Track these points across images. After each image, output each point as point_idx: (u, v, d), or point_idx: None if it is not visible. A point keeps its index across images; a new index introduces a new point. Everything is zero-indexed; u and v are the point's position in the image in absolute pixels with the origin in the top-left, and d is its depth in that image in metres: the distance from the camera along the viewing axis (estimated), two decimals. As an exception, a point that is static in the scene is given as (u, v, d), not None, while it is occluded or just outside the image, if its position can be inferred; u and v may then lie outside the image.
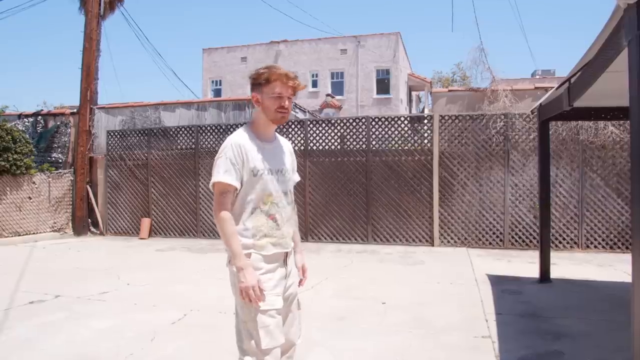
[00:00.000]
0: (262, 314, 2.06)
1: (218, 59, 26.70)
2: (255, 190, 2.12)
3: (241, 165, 2.09)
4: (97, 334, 3.96)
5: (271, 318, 2.08)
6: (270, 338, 2.06)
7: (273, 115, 2.15)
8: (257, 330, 2.06)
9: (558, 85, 4.28)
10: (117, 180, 10.59)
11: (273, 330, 2.08)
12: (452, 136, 8.59)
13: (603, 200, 7.84)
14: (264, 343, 2.05)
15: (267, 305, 2.08)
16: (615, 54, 2.53)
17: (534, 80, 22.57)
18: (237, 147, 2.10)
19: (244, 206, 2.13)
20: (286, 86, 2.12)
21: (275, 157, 2.22)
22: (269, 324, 2.07)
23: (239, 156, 2.09)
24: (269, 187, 2.15)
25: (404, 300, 5.01)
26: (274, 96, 2.12)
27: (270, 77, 2.12)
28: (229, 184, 2.06)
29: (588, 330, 3.99)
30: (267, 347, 2.05)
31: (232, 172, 2.07)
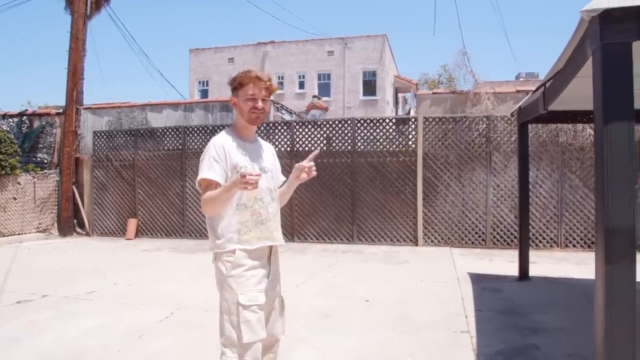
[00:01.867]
0: (245, 309, 2.15)
1: (205, 59, 26.68)
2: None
3: (224, 162, 2.20)
4: (85, 332, 4.02)
5: (253, 313, 2.17)
6: (251, 333, 2.15)
7: (248, 116, 2.28)
8: (239, 325, 2.14)
9: (535, 89, 4.44)
10: (103, 181, 10.58)
11: (254, 325, 2.16)
12: (435, 138, 8.75)
13: (581, 200, 8.06)
14: (245, 337, 2.13)
15: (249, 300, 2.17)
16: (583, 62, 2.67)
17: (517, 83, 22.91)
18: (220, 146, 2.22)
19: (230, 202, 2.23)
20: (259, 88, 2.25)
21: (256, 155, 2.34)
22: (251, 319, 2.16)
23: (221, 154, 2.20)
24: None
25: (388, 298, 5.13)
26: (248, 98, 2.25)
27: (244, 80, 2.25)
28: (211, 179, 2.16)
29: (564, 325, 4.15)
30: (248, 342, 2.14)
31: (215, 169, 2.18)
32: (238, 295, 2.17)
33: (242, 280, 2.20)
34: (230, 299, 2.19)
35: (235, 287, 2.18)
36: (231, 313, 2.18)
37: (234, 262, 2.21)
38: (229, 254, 2.22)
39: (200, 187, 2.22)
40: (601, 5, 2.19)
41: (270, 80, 2.31)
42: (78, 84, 10.94)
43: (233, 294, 2.18)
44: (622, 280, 2.17)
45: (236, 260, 2.21)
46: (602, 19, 2.21)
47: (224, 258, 2.23)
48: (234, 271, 2.21)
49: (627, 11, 2.18)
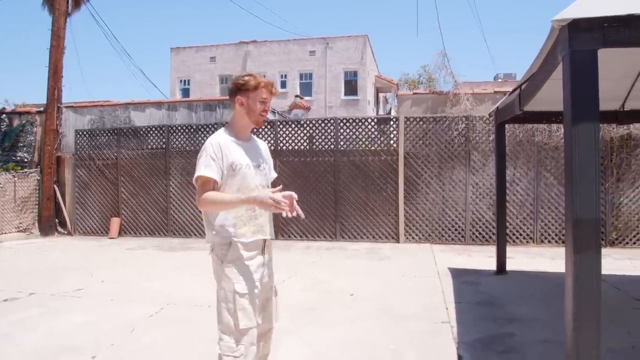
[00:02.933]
0: (241, 297, 2.30)
1: (186, 58, 26.54)
2: (235, 183, 2.36)
3: (221, 160, 2.33)
4: (75, 328, 4.08)
5: (248, 301, 2.32)
6: (247, 319, 2.30)
7: (256, 117, 2.44)
8: (236, 312, 2.29)
9: (511, 91, 4.65)
10: (85, 180, 10.52)
11: (250, 312, 2.31)
12: (416, 137, 8.97)
13: (556, 198, 8.37)
14: (242, 324, 2.28)
15: (245, 289, 2.32)
16: (554, 67, 2.86)
17: (495, 83, 23.40)
18: (217, 145, 2.36)
19: None
20: (269, 93, 2.44)
21: (252, 153, 2.48)
22: (246, 306, 2.30)
23: (218, 152, 2.34)
24: (247, 180, 2.39)
25: (371, 292, 5.30)
26: (260, 100, 2.42)
27: (259, 85, 2.41)
28: (208, 177, 2.29)
29: (538, 315, 4.38)
30: (244, 327, 2.29)
31: (212, 167, 2.31)
32: (235, 284, 2.31)
33: (238, 270, 2.34)
34: (228, 288, 2.33)
35: (232, 276, 2.33)
36: (228, 301, 2.32)
37: (231, 254, 2.36)
38: (226, 246, 2.36)
39: (196, 184, 2.35)
40: (570, 16, 2.38)
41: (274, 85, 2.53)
42: (59, 82, 10.85)
43: (230, 282, 2.32)
44: (589, 267, 2.36)
45: (233, 252, 2.35)
46: (571, 28, 2.40)
47: (222, 250, 2.38)
48: (231, 262, 2.35)
49: (593, 21, 2.37)
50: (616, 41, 2.41)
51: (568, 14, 2.40)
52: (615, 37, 2.39)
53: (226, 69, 26.08)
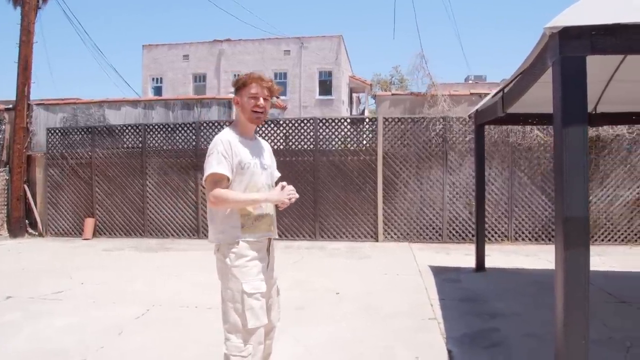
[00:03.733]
0: (249, 297, 2.31)
1: (159, 56, 26.08)
2: (244, 182, 2.38)
3: (231, 158, 2.34)
4: (60, 331, 4.00)
5: (256, 300, 2.33)
6: (255, 319, 2.31)
7: (249, 114, 2.43)
8: (244, 312, 2.30)
9: (494, 93, 4.80)
10: (58, 180, 10.24)
11: (258, 312, 2.33)
12: (395, 137, 9.10)
13: (529, 197, 8.64)
14: (250, 323, 2.29)
15: (253, 289, 2.33)
16: (542, 72, 2.99)
17: (467, 85, 23.95)
18: (227, 142, 2.36)
19: None
20: (261, 87, 2.41)
21: (258, 153, 2.50)
22: (254, 306, 2.32)
23: (228, 149, 2.34)
24: (255, 179, 2.41)
25: (356, 291, 5.38)
26: (250, 96, 2.40)
27: (247, 80, 2.42)
28: (222, 174, 2.30)
29: (519, 310, 4.54)
30: (253, 327, 2.30)
31: (224, 164, 2.31)
32: (242, 284, 2.32)
33: (245, 270, 2.35)
34: (235, 288, 2.34)
35: (240, 276, 2.34)
36: (236, 301, 2.33)
37: (238, 253, 2.36)
38: (233, 245, 2.37)
39: (206, 182, 2.34)
40: (561, 23, 2.50)
41: (272, 81, 2.49)
42: (29, 79, 10.53)
43: (237, 283, 2.33)
44: (578, 262, 2.48)
45: (240, 251, 2.36)
46: (562, 35, 2.51)
47: (228, 249, 2.37)
48: (238, 261, 2.36)
49: (582, 29, 2.50)
50: (603, 48, 2.54)
51: (559, 21, 2.52)
52: (602, 45, 2.52)
53: (200, 68, 25.77)
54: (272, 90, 2.46)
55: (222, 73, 25.33)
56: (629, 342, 3.61)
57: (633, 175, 8.41)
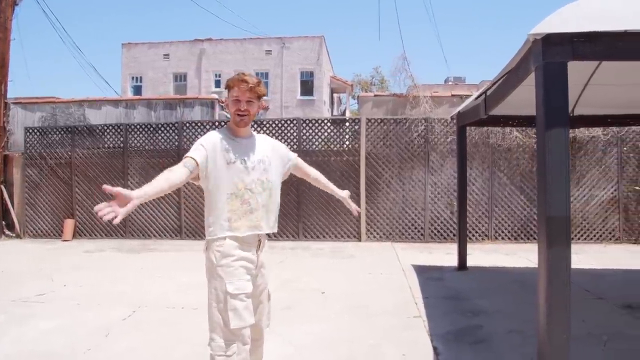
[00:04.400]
0: (232, 298, 2.30)
1: (138, 54, 25.76)
2: (230, 177, 2.37)
3: (211, 150, 2.34)
4: (46, 333, 3.96)
5: (240, 301, 2.31)
6: (238, 319, 2.29)
7: (233, 117, 2.44)
8: (227, 312, 2.29)
9: (476, 96, 4.91)
10: (36, 180, 10.05)
11: (241, 312, 2.30)
12: (377, 138, 9.20)
13: (509, 197, 8.84)
14: (233, 324, 2.28)
15: (237, 289, 2.31)
16: (525, 76, 3.09)
17: (447, 86, 24.28)
18: (211, 136, 2.40)
19: (221, 191, 2.37)
20: (242, 90, 2.37)
21: (250, 149, 2.48)
22: (238, 306, 2.30)
23: (210, 142, 2.36)
24: (241, 175, 2.39)
25: (341, 290, 5.44)
26: (232, 100, 2.40)
27: (230, 83, 2.41)
28: (189, 156, 2.30)
29: (500, 307, 4.66)
30: (236, 327, 2.28)
31: (198, 150, 2.32)
32: (226, 284, 2.31)
33: (230, 270, 2.34)
34: (219, 287, 2.32)
35: (224, 276, 2.32)
36: (219, 301, 2.32)
37: (224, 252, 2.35)
38: (220, 243, 2.36)
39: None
40: (544, 30, 2.60)
41: (256, 83, 2.40)
42: (6, 77, 10.30)
43: (222, 282, 2.32)
44: (560, 260, 2.59)
45: (226, 250, 2.35)
46: (545, 41, 2.61)
47: (215, 247, 2.37)
48: (223, 260, 2.35)
49: (564, 36, 2.60)
50: (583, 55, 2.65)
51: (542, 28, 2.61)
52: (582, 51, 2.63)
53: (180, 67, 25.55)
54: (256, 91, 2.40)
55: (203, 73, 25.17)
56: (606, 337, 3.75)
57: (607, 176, 8.68)
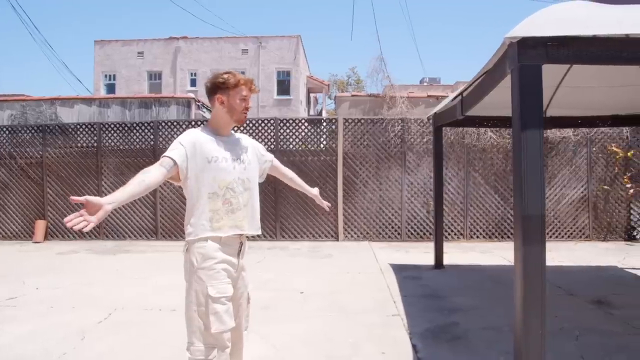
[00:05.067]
0: (214, 302, 2.25)
1: (112, 52, 25.27)
2: (211, 176, 2.33)
3: (191, 148, 2.30)
4: (19, 338, 3.85)
5: (221, 305, 2.27)
6: (219, 323, 2.25)
7: (238, 115, 2.43)
8: (208, 316, 2.24)
9: (453, 97, 5.00)
10: (5, 180, 9.76)
11: (223, 316, 2.26)
12: (355, 138, 9.26)
13: (484, 196, 9.01)
14: (214, 327, 2.24)
15: (218, 293, 2.27)
16: (501, 78, 3.17)
17: (422, 87, 24.57)
18: (191, 134, 2.36)
19: (202, 191, 2.32)
20: (249, 90, 2.43)
21: (231, 148, 2.44)
22: (219, 310, 2.26)
23: (189, 140, 2.32)
24: (223, 173, 2.36)
25: (320, 289, 5.46)
26: (241, 98, 2.40)
27: (239, 82, 2.40)
28: (167, 156, 2.25)
29: (476, 304, 4.75)
30: (217, 331, 2.24)
31: (177, 150, 2.28)
32: (208, 287, 2.26)
33: (212, 273, 2.29)
34: (200, 290, 2.28)
35: (205, 279, 2.27)
36: (200, 304, 2.27)
37: (205, 255, 2.30)
38: (201, 244, 2.31)
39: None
40: (519, 34, 2.66)
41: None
42: (-27, 75, 10.00)
43: (203, 285, 2.27)
44: (535, 257, 2.66)
45: (207, 252, 2.30)
46: (520, 45, 2.68)
47: (196, 249, 2.32)
48: (205, 263, 2.30)
49: (538, 40, 2.67)
50: (557, 58, 2.73)
51: (518, 32, 2.68)
52: (556, 55, 2.71)
53: (155, 65, 25.18)
54: (254, 92, 2.49)
55: (179, 71, 24.87)
56: (578, 332, 3.87)
57: (578, 175, 8.93)
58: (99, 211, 1.88)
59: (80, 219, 1.82)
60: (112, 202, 1.95)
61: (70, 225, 1.81)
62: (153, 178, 2.18)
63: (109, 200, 1.93)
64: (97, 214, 1.87)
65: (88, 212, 1.85)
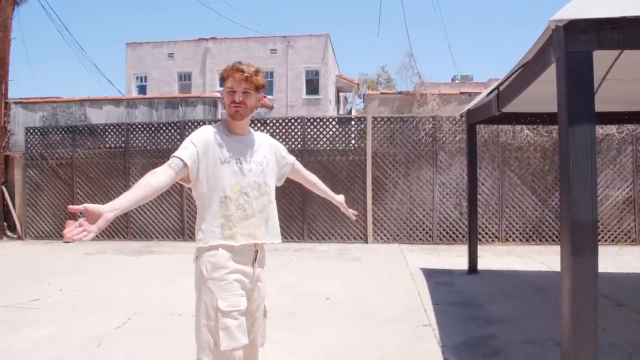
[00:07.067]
0: (224, 316, 2.04)
1: (143, 54, 25.67)
2: (224, 179, 2.13)
3: (203, 147, 2.10)
4: (37, 344, 3.76)
5: (233, 320, 2.05)
6: (230, 339, 2.03)
7: (228, 109, 2.18)
8: (217, 331, 2.03)
9: (488, 92, 4.67)
10: (37, 181, 9.91)
11: (234, 331, 2.04)
12: (384, 137, 8.97)
13: (520, 197, 8.57)
14: (224, 344, 2.02)
15: (229, 306, 2.05)
16: (544, 68, 2.85)
17: (454, 85, 23.97)
18: (204, 132, 2.15)
19: (213, 194, 2.13)
20: (237, 80, 2.13)
21: (246, 148, 2.23)
22: (230, 325, 2.04)
23: (202, 139, 2.11)
24: (237, 176, 2.16)
25: (347, 295, 5.21)
26: (227, 91, 2.16)
27: (224, 73, 2.18)
28: (177, 156, 2.06)
29: (515, 314, 4.42)
30: (227, 348, 2.02)
31: (188, 149, 2.08)
32: (218, 300, 2.05)
33: (223, 284, 2.08)
34: (210, 303, 2.07)
35: (216, 290, 2.07)
36: (209, 318, 2.06)
37: (216, 264, 2.10)
38: (212, 252, 2.11)
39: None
40: (566, 16, 2.36)
41: (253, 72, 2.15)
42: (6, 76, 10.20)
43: (212, 297, 2.06)
44: (586, 270, 2.34)
45: (218, 262, 2.10)
46: (567, 29, 2.38)
47: (206, 258, 2.12)
48: (215, 273, 2.09)
49: (588, 23, 2.36)
50: (610, 43, 2.42)
51: (565, 14, 2.38)
52: (609, 40, 2.39)
53: (185, 66, 25.45)
54: (253, 81, 2.15)
55: (208, 72, 25.04)
56: (631, 349, 3.50)
57: (622, 175, 8.39)
58: (99, 220, 1.71)
59: (79, 229, 1.66)
60: (113, 209, 1.77)
61: (69, 236, 1.66)
62: (160, 181, 1.99)
63: (109, 208, 1.76)
64: (98, 222, 1.70)
65: (88, 220, 1.69)
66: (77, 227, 1.67)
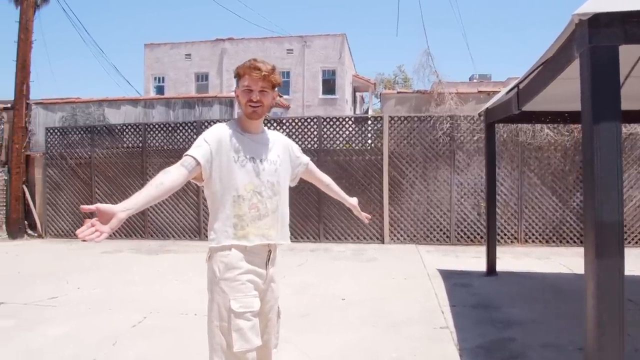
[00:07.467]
0: (237, 317, 2.01)
1: (161, 55, 25.92)
2: (237, 178, 2.09)
3: (216, 146, 2.07)
4: (53, 341, 3.79)
5: (246, 321, 2.02)
6: (243, 341, 2.00)
7: (244, 109, 2.15)
8: (230, 332, 2.00)
9: (508, 90, 4.57)
10: (57, 180, 10.06)
11: (247, 333, 2.01)
12: (401, 136, 8.88)
13: (540, 197, 8.40)
14: (237, 346, 1.99)
15: (242, 307, 2.02)
16: (567, 64, 2.76)
17: (472, 84, 23.67)
18: (217, 130, 2.13)
19: (226, 193, 2.09)
20: (254, 79, 2.09)
21: (260, 147, 2.20)
22: (243, 326, 2.01)
23: (215, 137, 2.08)
24: (250, 175, 2.12)
25: (363, 296, 5.16)
26: (243, 89, 2.12)
27: (240, 71, 2.13)
28: (190, 155, 2.03)
29: (535, 317, 4.31)
30: (240, 350, 1.99)
31: (201, 148, 2.05)
32: (230, 301, 2.02)
33: (235, 285, 2.04)
34: (222, 304, 2.03)
35: (228, 291, 2.03)
36: (222, 319, 2.03)
37: (229, 264, 2.06)
38: (225, 253, 2.08)
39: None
40: (591, 10, 2.27)
41: (270, 71, 2.11)
42: (28, 78, 10.37)
43: (225, 298, 2.03)
44: (611, 274, 2.25)
45: (231, 262, 2.06)
46: (591, 23, 2.29)
47: (219, 258, 2.08)
48: (228, 273, 2.05)
49: (614, 16, 2.27)
50: (636, 37, 2.31)
51: (589, 7, 2.29)
52: (636, 33, 2.30)
53: (202, 67, 25.61)
54: (270, 80, 2.11)
55: (225, 72, 25.16)
56: (657, 355, 3.38)
57: (647, 175, 8.17)
58: (112, 220, 1.69)
59: (92, 230, 1.64)
60: (126, 209, 1.75)
61: (81, 237, 1.64)
62: (173, 180, 1.96)
63: (122, 208, 1.73)
64: (110, 222, 1.68)
65: (100, 221, 1.67)
66: (90, 228, 1.65)
